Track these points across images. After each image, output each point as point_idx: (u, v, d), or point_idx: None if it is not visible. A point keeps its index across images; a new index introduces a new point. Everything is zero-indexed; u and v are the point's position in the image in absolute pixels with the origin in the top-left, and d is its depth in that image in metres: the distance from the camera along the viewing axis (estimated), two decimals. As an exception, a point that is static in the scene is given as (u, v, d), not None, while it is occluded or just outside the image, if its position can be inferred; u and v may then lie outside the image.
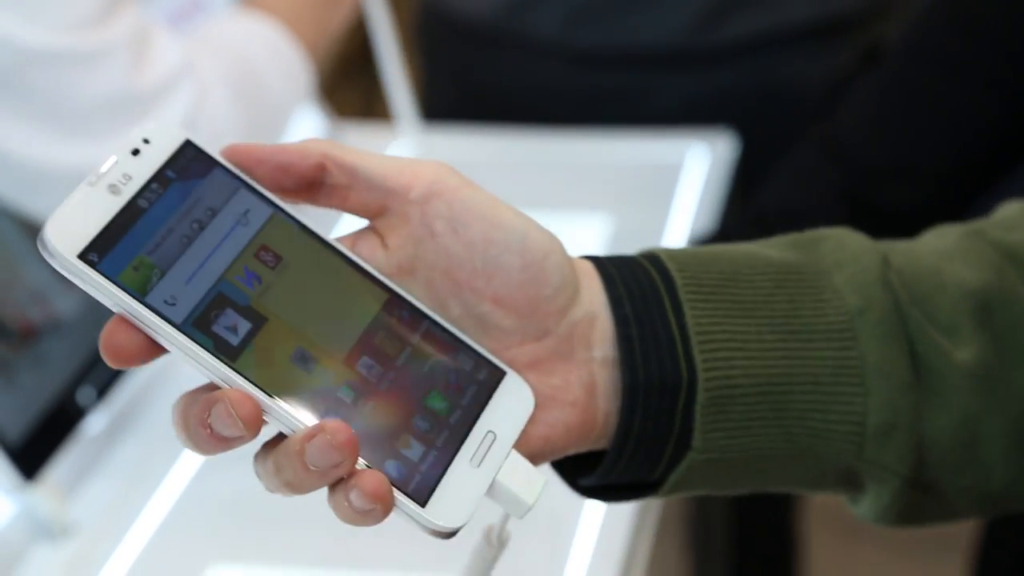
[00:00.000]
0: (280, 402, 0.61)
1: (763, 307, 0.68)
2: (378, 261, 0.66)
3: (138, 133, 0.63)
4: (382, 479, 0.60)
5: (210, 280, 0.62)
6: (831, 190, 1.46)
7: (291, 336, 0.62)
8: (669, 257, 0.69)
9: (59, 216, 0.60)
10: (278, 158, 0.65)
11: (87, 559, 1.18)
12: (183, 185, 0.63)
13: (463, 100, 1.89)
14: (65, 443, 1.24)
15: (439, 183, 0.65)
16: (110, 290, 0.60)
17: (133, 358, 0.61)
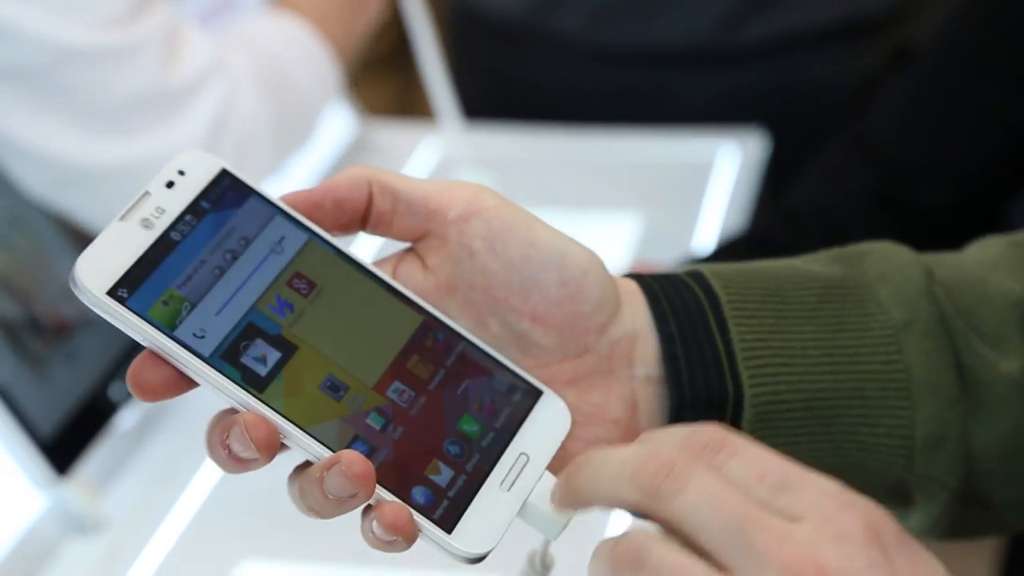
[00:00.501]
0: (302, 431, 0.61)
1: (808, 322, 0.68)
2: (417, 282, 0.66)
3: (173, 164, 0.63)
4: (401, 513, 0.60)
5: (241, 311, 0.62)
6: (862, 189, 1.46)
7: (322, 364, 0.62)
8: (713, 274, 0.68)
9: (90, 252, 0.60)
10: (332, 196, 0.65)
11: (118, 554, 1.18)
12: (217, 215, 0.63)
13: (491, 97, 1.89)
14: (97, 438, 1.24)
15: (476, 203, 0.65)
16: (138, 325, 0.60)
17: (162, 393, 0.61)
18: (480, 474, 0.63)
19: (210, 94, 1.21)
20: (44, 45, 1.13)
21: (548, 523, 0.63)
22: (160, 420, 1.32)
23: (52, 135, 1.16)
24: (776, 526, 0.54)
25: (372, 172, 0.66)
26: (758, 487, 0.56)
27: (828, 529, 0.54)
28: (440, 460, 0.62)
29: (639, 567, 0.55)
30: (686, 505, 0.55)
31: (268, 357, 0.61)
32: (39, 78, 1.14)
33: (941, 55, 1.48)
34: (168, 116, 1.19)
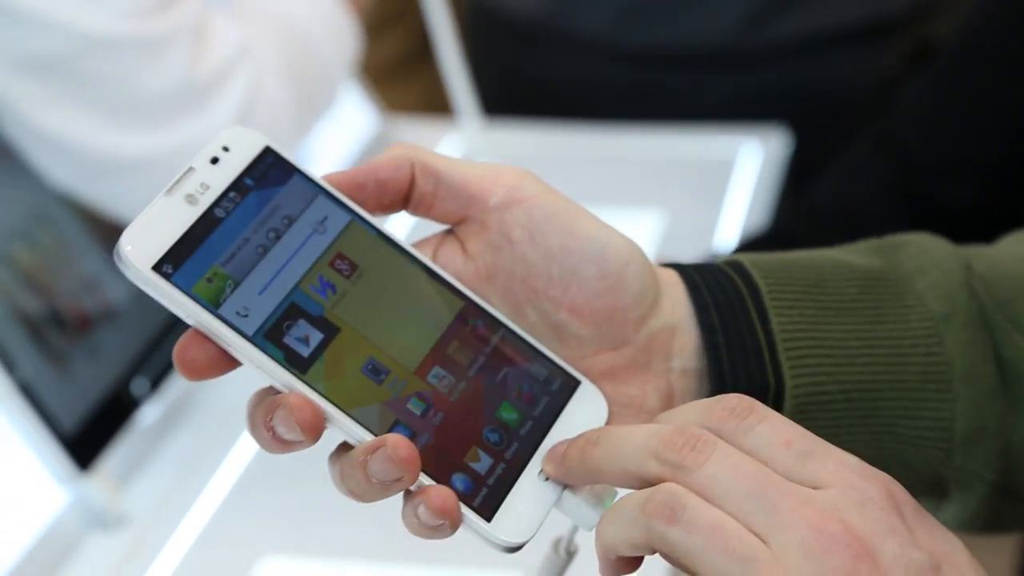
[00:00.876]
0: (345, 414, 0.60)
1: (848, 313, 0.67)
2: (457, 267, 0.66)
3: (217, 140, 0.63)
4: (449, 496, 0.60)
5: (284, 290, 0.61)
6: (885, 186, 1.45)
7: (363, 346, 0.62)
8: (752, 264, 0.68)
9: (135, 227, 0.60)
10: (376, 177, 0.65)
11: (140, 549, 1.18)
12: (261, 193, 0.63)
13: (511, 96, 1.89)
14: (119, 434, 1.24)
15: (518, 190, 0.65)
16: (183, 302, 0.59)
17: (207, 371, 0.61)
18: (518, 462, 0.63)
19: (237, 85, 1.21)
20: (73, 35, 1.13)
21: (584, 515, 0.63)
22: (182, 415, 1.32)
23: (80, 126, 1.17)
24: (799, 490, 0.55)
25: (415, 152, 0.66)
26: (784, 453, 0.56)
27: (850, 495, 0.55)
28: (479, 447, 0.62)
29: (674, 519, 0.55)
30: (710, 475, 0.56)
31: (311, 338, 0.61)
32: (67, 68, 1.14)
33: (964, 51, 1.47)
34: (196, 107, 1.19)
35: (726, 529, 0.54)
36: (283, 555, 1.17)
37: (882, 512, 0.55)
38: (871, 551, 0.54)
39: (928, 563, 0.54)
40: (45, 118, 1.16)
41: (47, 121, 1.16)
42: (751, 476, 0.55)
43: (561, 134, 1.77)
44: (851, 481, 0.55)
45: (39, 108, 1.16)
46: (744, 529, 0.55)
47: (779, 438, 0.57)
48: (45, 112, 1.16)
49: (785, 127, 1.71)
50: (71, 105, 1.16)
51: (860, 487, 0.55)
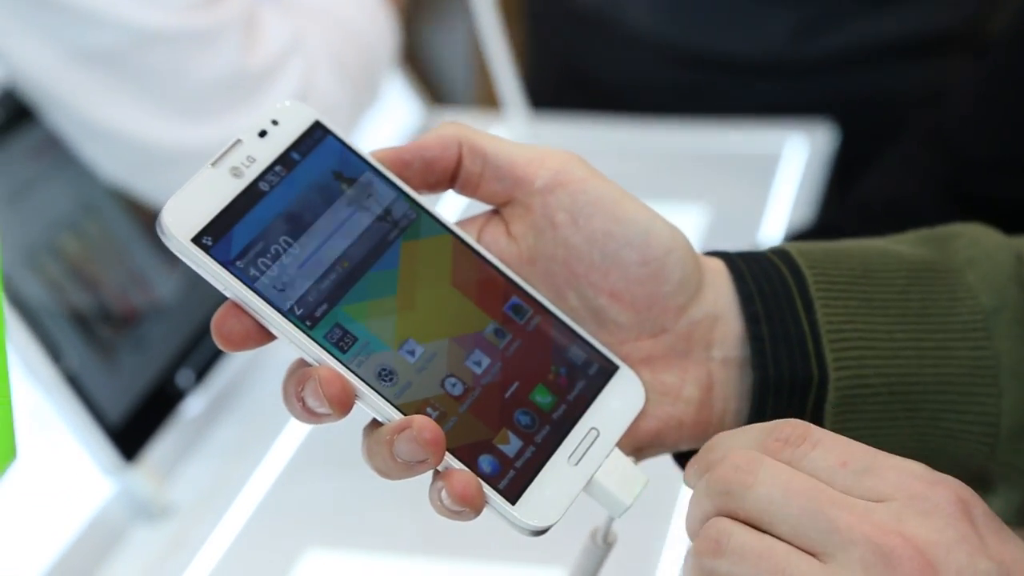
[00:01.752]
0: (375, 391, 0.60)
1: (895, 305, 0.67)
2: (500, 248, 0.66)
3: (267, 113, 0.63)
4: (470, 482, 0.60)
5: (323, 266, 0.61)
6: (935, 181, 1.44)
7: (403, 326, 0.62)
8: (799, 253, 0.68)
9: (178, 198, 0.60)
10: (423, 155, 0.65)
11: (185, 540, 1.19)
12: (307, 167, 0.62)
13: (563, 85, 1.88)
14: (164, 425, 1.25)
15: (564, 173, 0.65)
16: (220, 275, 0.59)
17: (243, 343, 0.61)
18: (549, 446, 0.62)
19: (289, 76, 1.22)
20: (125, 28, 1.13)
21: (613, 501, 0.63)
22: (227, 407, 1.32)
23: (132, 118, 1.17)
24: (856, 505, 0.54)
25: (463, 132, 0.66)
26: (842, 474, 0.56)
27: (914, 505, 0.54)
28: (510, 429, 0.62)
29: (720, 553, 0.55)
30: (761, 496, 0.55)
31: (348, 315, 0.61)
32: (121, 62, 1.15)
33: (1013, 47, 1.46)
34: (248, 99, 1.20)
35: (775, 553, 0.54)
36: (327, 547, 1.17)
37: (949, 520, 0.54)
38: (934, 564, 0.52)
39: (997, 572, 0.53)
40: (98, 111, 1.17)
41: (100, 114, 1.17)
42: (804, 493, 0.55)
43: (606, 127, 1.76)
44: (915, 490, 0.54)
45: (92, 101, 1.16)
46: (794, 551, 0.54)
47: (835, 459, 0.56)
48: (98, 105, 1.17)
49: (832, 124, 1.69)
50: (124, 98, 1.16)
51: (925, 495, 0.54)
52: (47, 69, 1.15)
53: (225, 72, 1.18)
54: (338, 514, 1.21)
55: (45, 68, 1.15)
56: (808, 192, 1.60)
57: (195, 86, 1.17)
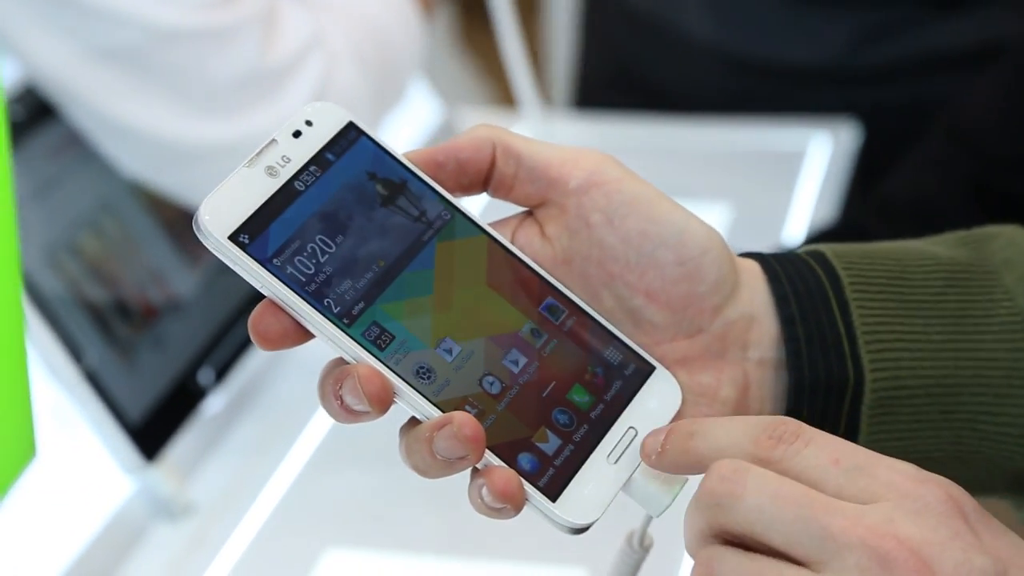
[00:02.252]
0: (414, 388, 0.61)
1: (932, 306, 0.66)
2: (535, 249, 0.65)
3: (301, 114, 0.63)
4: (511, 479, 0.60)
5: (360, 265, 0.62)
6: (959, 178, 1.43)
7: (439, 325, 0.62)
8: (835, 254, 0.67)
9: (215, 196, 0.61)
10: (456, 156, 0.65)
11: (205, 538, 1.18)
12: (342, 167, 0.63)
13: (616, 86, 1.87)
14: (185, 423, 1.25)
15: (599, 174, 0.64)
16: (258, 272, 0.60)
17: (280, 341, 0.61)
18: (587, 445, 0.62)
19: (309, 72, 1.21)
20: (144, 26, 1.14)
21: (653, 500, 0.62)
22: (247, 405, 1.32)
23: (152, 115, 1.17)
24: (848, 508, 0.54)
25: (497, 133, 0.65)
26: (834, 472, 0.55)
27: (906, 505, 0.54)
28: (548, 428, 0.62)
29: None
30: (751, 507, 0.55)
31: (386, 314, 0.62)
32: (141, 59, 1.15)
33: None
34: (268, 95, 1.20)
35: (765, 573, 0.54)
36: (348, 546, 1.17)
37: (941, 518, 0.53)
38: (930, 564, 0.52)
39: (993, 569, 0.53)
40: (118, 108, 1.17)
41: (121, 111, 1.17)
42: (794, 500, 0.54)
43: (627, 126, 1.76)
44: (906, 490, 0.54)
45: (112, 98, 1.17)
46: (785, 566, 0.53)
47: (827, 457, 0.56)
48: (118, 102, 1.17)
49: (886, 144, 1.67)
50: (145, 95, 1.17)
51: (916, 494, 0.54)
52: (67, 67, 1.15)
53: (244, 69, 1.18)
54: (358, 513, 1.21)
55: (65, 66, 1.15)
56: (831, 191, 1.60)
57: (214, 83, 1.18)
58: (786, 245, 1.45)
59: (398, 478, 1.22)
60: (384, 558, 1.16)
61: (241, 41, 1.17)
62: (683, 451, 0.60)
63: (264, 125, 1.19)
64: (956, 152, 1.45)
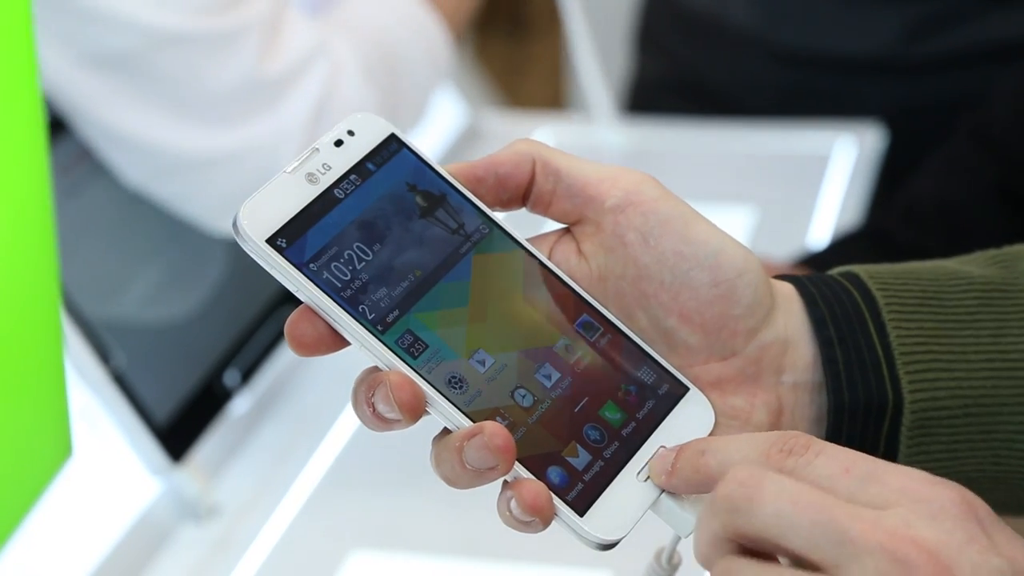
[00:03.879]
0: (446, 398, 0.61)
1: (968, 326, 0.66)
2: (571, 266, 0.66)
3: (343, 124, 0.64)
4: (541, 492, 0.60)
5: (396, 274, 0.62)
6: (986, 183, 1.43)
7: (473, 337, 0.62)
8: (869, 275, 0.67)
9: (254, 200, 0.61)
10: (496, 171, 0.65)
11: (231, 540, 1.19)
12: (382, 177, 0.63)
13: (669, 79, 1.86)
14: (211, 425, 1.25)
15: (636, 193, 0.65)
16: (294, 276, 0.61)
17: (315, 347, 0.62)
18: (617, 462, 0.63)
19: (311, 81, 1.20)
20: (142, 31, 1.12)
21: (680, 520, 0.62)
22: (273, 407, 1.33)
23: (150, 123, 1.16)
24: (866, 514, 0.54)
25: (538, 149, 0.66)
26: (845, 481, 0.55)
27: (920, 509, 0.54)
28: (579, 443, 0.62)
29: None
30: (769, 512, 0.55)
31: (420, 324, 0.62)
32: (137, 65, 1.14)
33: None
34: (268, 104, 1.18)
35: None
36: (374, 548, 1.17)
37: (957, 521, 0.53)
38: (949, 566, 0.52)
39: (1010, 570, 0.53)
40: (115, 115, 1.16)
41: (117, 118, 1.16)
42: (813, 504, 0.54)
43: (653, 129, 1.76)
44: (920, 495, 0.54)
45: (108, 105, 1.15)
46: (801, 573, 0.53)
47: (837, 467, 0.56)
48: (114, 109, 1.16)
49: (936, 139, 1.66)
50: (140, 102, 1.15)
51: (930, 499, 0.54)
52: (62, 73, 1.14)
53: (244, 77, 1.17)
54: (383, 515, 1.21)
55: (60, 72, 1.14)
56: (856, 194, 1.59)
57: (212, 90, 1.16)
58: (811, 248, 1.45)
59: (423, 481, 1.23)
60: (408, 560, 1.16)
61: (241, 49, 1.16)
62: (694, 469, 0.60)
63: (263, 135, 1.18)
64: (981, 156, 1.44)
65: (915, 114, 1.70)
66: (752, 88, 1.78)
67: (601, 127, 1.73)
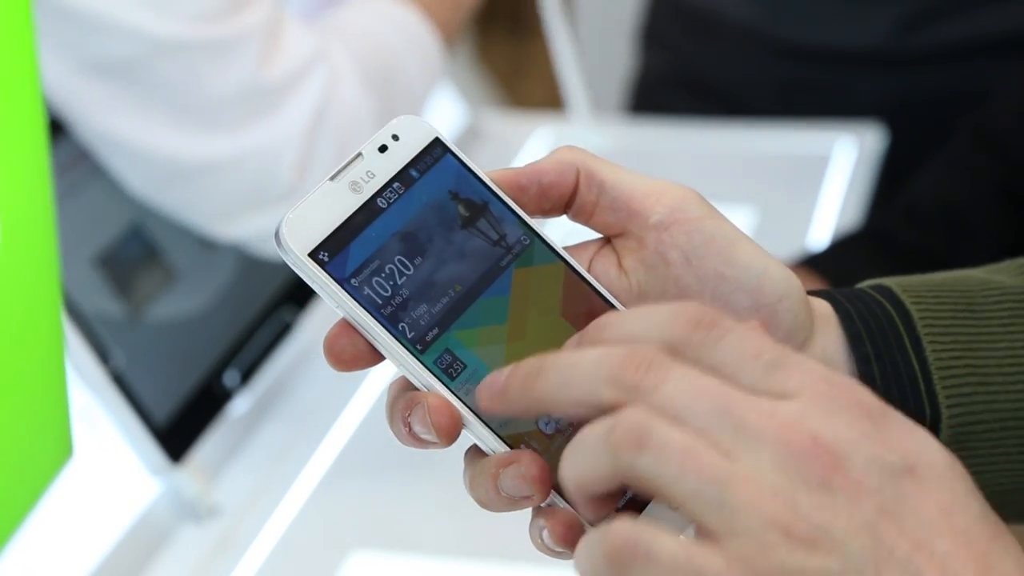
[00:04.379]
0: (483, 423, 0.60)
1: (1002, 338, 0.66)
2: (611, 280, 0.64)
3: (388, 128, 0.62)
4: (573, 525, 0.59)
5: (436, 289, 0.61)
6: (988, 184, 1.43)
7: (511, 355, 0.61)
8: (902, 288, 0.67)
9: (297, 211, 0.60)
10: (539, 180, 0.64)
11: (231, 540, 1.19)
12: (425, 185, 0.62)
13: (671, 75, 1.86)
14: (211, 425, 1.25)
15: (681, 211, 0.63)
16: (335, 291, 0.59)
17: (354, 363, 0.61)
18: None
19: (310, 88, 1.20)
20: (142, 39, 1.12)
21: None
22: (273, 407, 1.33)
23: (151, 130, 1.16)
24: (763, 403, 0.53)
25: (582, 158, 0.64)
26: (751, 365, 0.55)
27: (819, 403, 0.53)
28: None
29: (642, 447, 0.53)
30: (671, 394, 0.54)
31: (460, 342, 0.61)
32: (138, 72, 1.14)
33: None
34: (268, 110, 1.18)
35: (697, 451, 0.52)
36: (374, 549, 1.17)
37: (850, 418, 0.53)
38: (842, 460, 0.52)
39: (902, 465, 0.52)
40: (115, 123, 1.16)
41: (117, 126, 1.16)
42: (712, 392, 0.53)
43: (652, 129, 1.76)
44: (818, 389, 0.54)
45: (109, 113, 1.15)
46: (713, 449, 0.53)
47: (747, 350, 0.55)
48: (115, 117, 1.15)
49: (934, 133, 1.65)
50: (141, 109, 1.15)
51: (828, 394, 0.54)
52: (63, 80, 1.14)
53: (243, 83, 1.17)
54: (383, 515, 1.21)
55: (61, 79, 1.14)
56: (856, 194, 1.59)
57: (211, 97, 1.16)
58: (811, 249, 1.45)
59: (423, 481, 1.23)
60: (408, 560, 1.16)
61: (241, 56, 1.16)
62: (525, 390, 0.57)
63: (264, 140, 1.18)
64: (983, 156, 1.44)
65: (913, 108, 1.70)
66: (752, 83, 1.78)
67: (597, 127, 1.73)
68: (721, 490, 0.52)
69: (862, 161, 1.64)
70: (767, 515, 0.51)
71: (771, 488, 0.52)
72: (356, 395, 1.33)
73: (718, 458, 0.52)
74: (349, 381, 1.33)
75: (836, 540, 0.51)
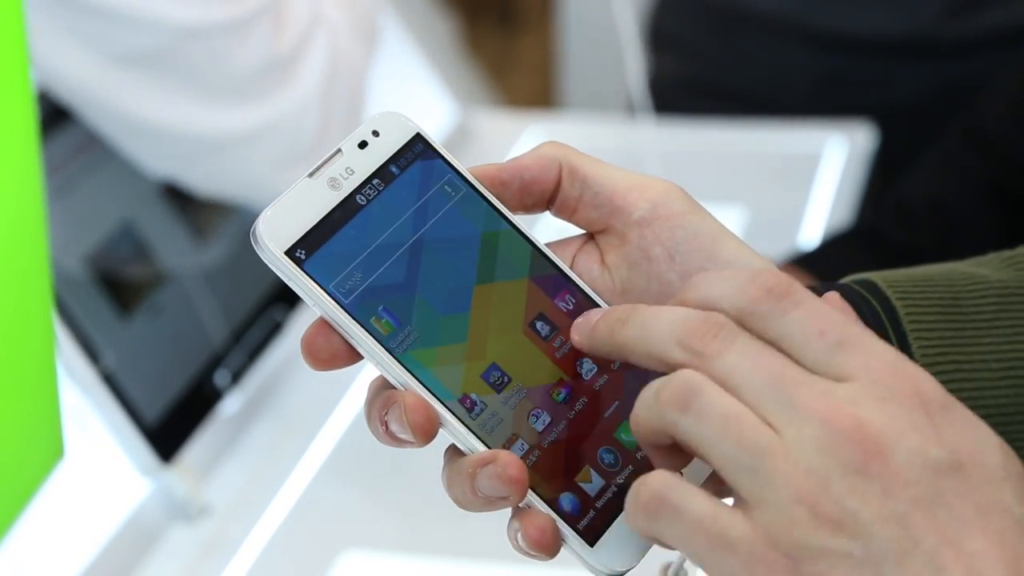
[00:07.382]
0: (461, 423, 0.59)
1: (987, 333, 0.66)
2: (593, 277, 0.64)
3: (369, 123, 0.62)
4: (547, 530, 0.59)
5: (416, 287, 0.60)
6: (978, 182, 1.43)
7: (491, 355, 0.60)
8: (888, 284, 0.66)
9: (274, 208, 0.59)
10: (521, 176, 0.63)
11: (222, 540, 1.19)
12: (405, 181, 0.61)
13: (685, 83, 1.85)
14: (201, 425, 1.25)
15: (664, 206, 0.63)
16: (311, 290, 0.59)
17: (331, 362, 0.60)
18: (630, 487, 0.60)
19: (317, 50, 1.24)
20: (166, 27, 1.15)
21: None
22: (264, 407, 1.32)
23: (177, 112, 1.19)
24: (817, 383, 0.54)
25: (565, 153, 0.64)
26: (816, 343, 0.55)
27: (873, 389, 0.54)
28: (593, 467, 0.60)
29: (687, 407, 0.54)
30: (730, 364, 0.54)
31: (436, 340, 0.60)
32: (164, 60, 1.16)
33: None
34: (283, 78, 1.22)
35: (740, 419, 0.53)
36: (364, 548, 1.17)
37: (904, 408, 0.53)
38: (883, 449, 0.52)
39: (948, 461, 0.52)
40: (145, 109, 1.18)
41: (147, 112, 1.18)
42: (769, 367, 0.54)
43: (643, 129, 1.76)
44: (878, 375, 0.54)
45: (139, 101, 1.17)
46: (758, 420, 0.53)
47: (814, 326, 0.55)
48: (145, 104, 1.18)
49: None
50: (171, 93, 1.18)
51: (885, 382, 0.54)
52: (88, 74, 1.16)
53: (261, 56, 1.20)
54: (375, 516, 1.21)
55: (86, 73, 1.16)
56: (847, 193, 1.59)
57: (235, 74, 1.19)
58: (802, 248, 1.45)
59: (414, 480, 1.23)
60: (399, 561, 1.16)
61: (254, 31, 1.19)
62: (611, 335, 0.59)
63: (285, 107, 1.22)
64: (972, 154, 1.44)
65: (955, 96, 1.66)
66: (782, 80, 1.76)
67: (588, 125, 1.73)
68: (757, 459, 0.53)
69: (853, 160, 1.64)
70: (797, 491, 0.52)
71: (807, 466, 0.52)
72: (347, 395, 1.33)
73: (761, 429, 0.53)
74: (339, 381, 1.33)
75: (862, 525, 0.51)
